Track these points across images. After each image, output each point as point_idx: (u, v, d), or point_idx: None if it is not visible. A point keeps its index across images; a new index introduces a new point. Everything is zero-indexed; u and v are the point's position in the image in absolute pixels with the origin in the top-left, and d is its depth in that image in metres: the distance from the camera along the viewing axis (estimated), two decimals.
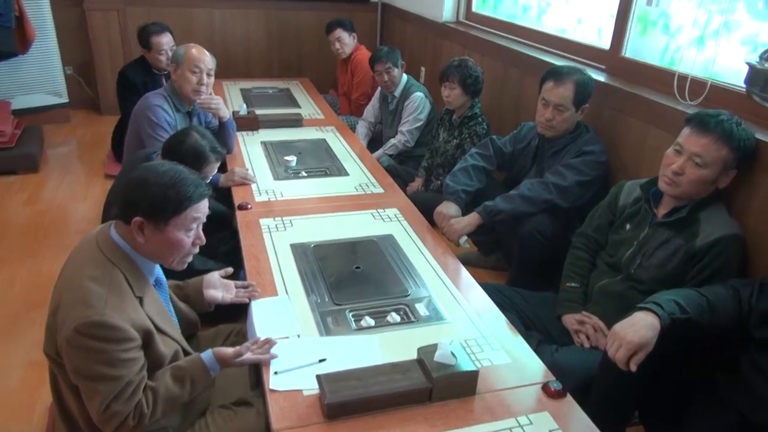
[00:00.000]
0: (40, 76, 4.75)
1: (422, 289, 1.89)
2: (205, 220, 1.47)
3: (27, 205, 3.54)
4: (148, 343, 1.38)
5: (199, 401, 1.57)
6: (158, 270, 1.52)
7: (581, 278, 2.03)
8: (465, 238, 2.33)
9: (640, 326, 1.43)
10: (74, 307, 1.28)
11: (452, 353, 1.45)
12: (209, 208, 2.62)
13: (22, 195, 3.66)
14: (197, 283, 1.78)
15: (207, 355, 1.48)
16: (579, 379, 1.67)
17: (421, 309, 1.78)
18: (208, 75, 2.78)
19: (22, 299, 2.61)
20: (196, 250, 1.50)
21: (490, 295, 2.00)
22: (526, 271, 2.36)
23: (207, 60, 2.78)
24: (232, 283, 1.82)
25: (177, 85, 2.76)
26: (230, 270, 1.86)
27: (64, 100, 4.92)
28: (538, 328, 2.04)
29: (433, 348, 1.46)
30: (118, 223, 1.40)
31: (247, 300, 1.78)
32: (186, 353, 1.54)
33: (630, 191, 2.02)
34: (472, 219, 2.34)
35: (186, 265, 1.49)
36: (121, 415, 1.32)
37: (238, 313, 1.85)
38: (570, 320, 1.96)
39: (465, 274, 2.01)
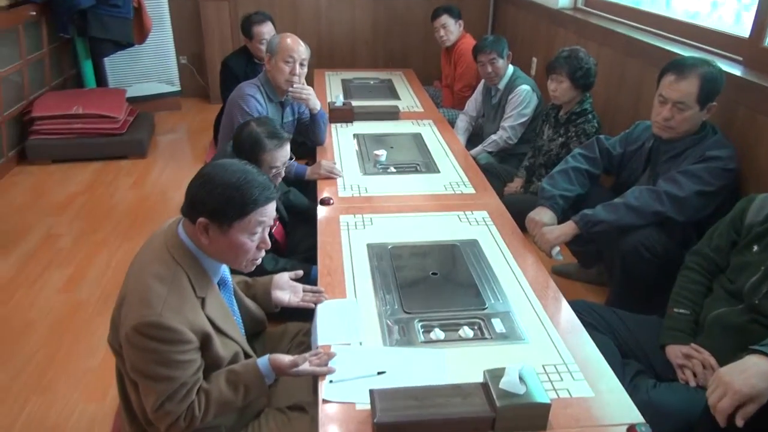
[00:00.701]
0: (156, 65, 5.10)
1: (502, 303, 1.77)
2: (271, 223, 1.46)
3: (132, 189, 3.81)
4: (205, 345, 1.40)
5: (256, 403, 1.57)
6: (224, 270, 1.53)
7: (693, 304, 1.80)
8: (557, 249, 2.16)
9: (751, 373, 1.23)
10: (135, 304, 1.32)
11: (522, 380, 1.33)
12: (294, 202, 2.66)
13: (128, 179, 3.95)
14: (266, 283, 1.79)
15: (263, 362, 1.47)
16: (678, 423, 1.48)
17: (498, 325, 1.67)
18: (301, 65, 2.82)
19: (115, 281, 2.80)
20: (262, 254, 1.49)
21: (584, 315, 1.85)
22: (628, 291, 2.15)
23: (301, 50, 2.81)
24: (300, 286, 1.81)
25: (270, 75, 2.82)
26: (300, 273, 1.85)
27: (177, 88, 5.26)
28: (638, 357, 1.84)
29: (501, 372, 1.35)
30: (186, 220, 1.42)
31: (312, 305, 1.75)
32: (247, 355, 1.55)
33: (761, 207, 1.76)
34: (568, 228, 2.17)
35: (254, 268, 1.49)
36: (173, 416, 1.35)
37: (307, 311, 1.84)
38: (675, 352, 1.75)
39: (553, 289, 1.86)
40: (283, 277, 1.81)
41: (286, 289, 1.79)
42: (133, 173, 4.04)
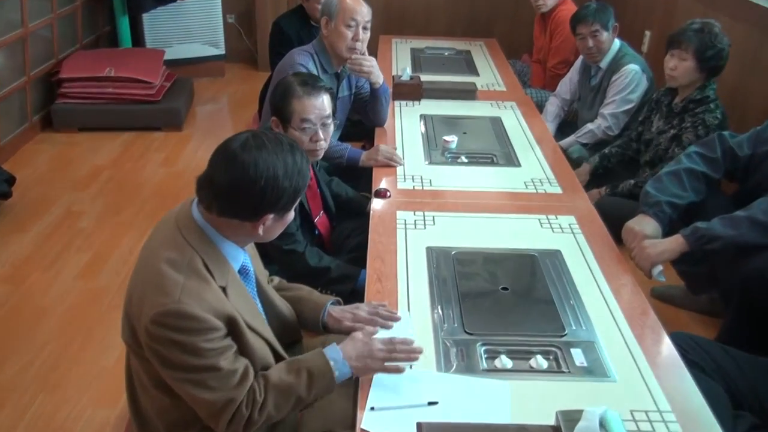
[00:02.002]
0: (199, 24, 5.26)
1: (586, 330, 1.73)
2: None
3: (163, 166, 3.95)
4: (234, 332, 1.43)
5: (284, 427, 1.59)
6: (245, 257, 1.56)
7: None
8: (660, 268, 2.09)
9: None
10: (150, 294, 1.36)
11: (603, 427, 1.29)
12: (338, 192, 2.66)
13: (160, 154, 4.10)
14: (319, 303, 1.77)
15: (328, 347, 1.52)
16: None
17: (578, 357, 1.63)
18: (364, 29, 2.82)
19: None
20: None
21: (687, 352, 1.79)
22: (746, 326, 2.07)
23: (364, 11, 2.81)
24: (361, 306, 1.75)
25: (328, 42, 2.83)
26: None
27: (221, 51, 5.41)
28: (754, 409, 1.77)
29: (578, 415, 1.32)
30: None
31: (389, 324, 1.70)
32: (279, 357, 1.57)
33: None
34: (674, 244, 2.09)
35: None
36: (235, 403, 1.39)
37: None
38: None
39: (652, 317, 1.81)
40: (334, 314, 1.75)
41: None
42: (165, 147, 4.18)
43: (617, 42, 3.49)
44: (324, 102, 2.15)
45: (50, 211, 3.39)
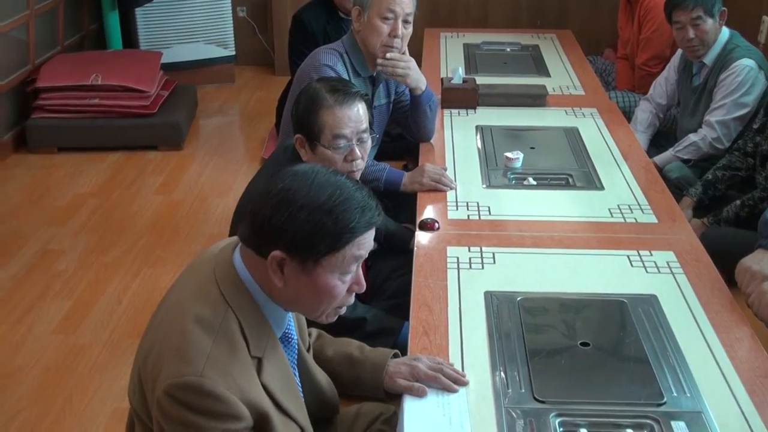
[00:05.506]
0: (203, 20, 5.41)
1: (691, 398, 1.71)
2: (366, 256, 1.47)
3: (160, 193, 4.03)
4: (261, 428, 1.41)
5: None
6: (290, 320, 1.57)
7: None
8: None
9: None
10: (168, 358, 1.37)
11: None
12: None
13: (156, 179, 4.18)
14: (378, 364, 1.78)
15: None
16: None
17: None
18: (405, 23, 2.85)
19: (128, 322, 2.96)
20: (352, 299, 1.52)
21: None
22: None
23: (405, 1, 2.84)
24: (419, 359, 1.77)
25: (360, 38, 2.88)
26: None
27: (230, 52, 5.54)
28: None
29: None
30: (245, 248, 1.45)
31: (455, 388, 1.70)
32: None
33: None
34: None
35: (336, 318, 1.52)
36: None
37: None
38: None
39: None
40: (401, 367, 1.77)
41: (408, 377, 1.74)
42: (163, 170, 4.27)
43: (726, 31, 3.48)
44: (359, 112, 2.18)
45: (23, 251, 3.46)
